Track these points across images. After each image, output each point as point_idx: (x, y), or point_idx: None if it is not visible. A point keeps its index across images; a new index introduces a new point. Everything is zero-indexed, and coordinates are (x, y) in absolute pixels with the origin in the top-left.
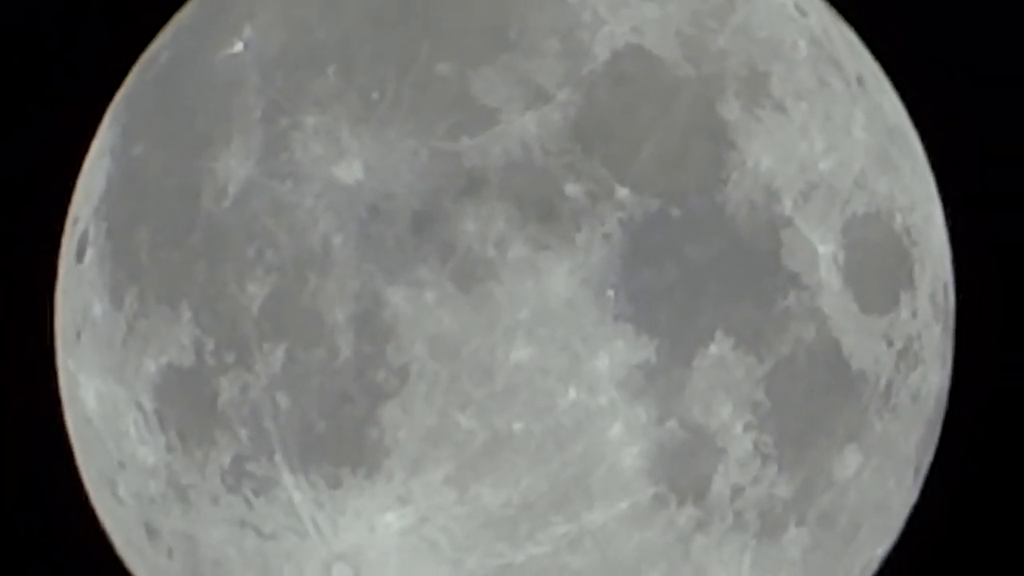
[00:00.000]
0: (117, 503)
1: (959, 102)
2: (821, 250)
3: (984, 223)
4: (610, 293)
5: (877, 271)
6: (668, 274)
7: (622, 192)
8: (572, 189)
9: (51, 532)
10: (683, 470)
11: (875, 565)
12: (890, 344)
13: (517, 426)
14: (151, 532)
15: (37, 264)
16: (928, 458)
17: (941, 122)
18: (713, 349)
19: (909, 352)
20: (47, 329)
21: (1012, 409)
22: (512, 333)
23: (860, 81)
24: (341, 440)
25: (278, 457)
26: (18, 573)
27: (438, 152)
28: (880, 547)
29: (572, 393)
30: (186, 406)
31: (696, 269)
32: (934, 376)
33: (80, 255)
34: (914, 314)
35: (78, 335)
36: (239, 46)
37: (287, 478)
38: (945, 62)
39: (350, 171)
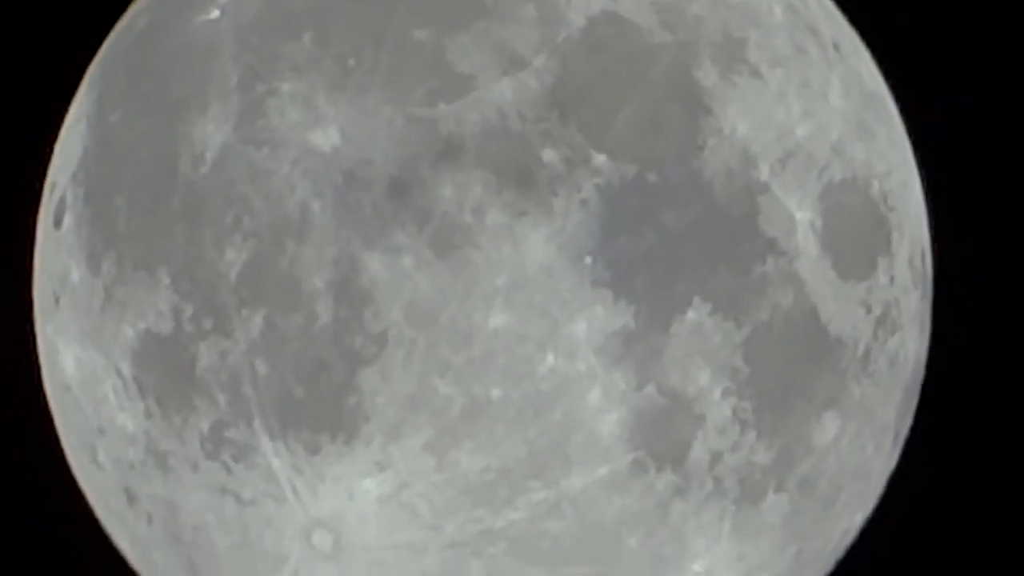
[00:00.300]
0: (96, 469)
1: (935, 68)
2: (798, 216)
3: (961, 189)
4: (588, 259)
5: (854, 237)
6: (645, 240)
7: (599, 158)
8: (549, 155)
9: (31, 499)
10: (661, 436)
11: (855, 531)
12: (868, 310)
13: (495, 392)
14: (131, 498)
15: (14, 230)
16: (907, 424)
17: (917, 88)
18: (691, 315)
19: (887, 318)
20: (25, 295)
21: (990, 375)
22: (490, 299)
23: (836, 47)
24: (320, 406)
25: (257, 423)
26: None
27: (415, 118)
28: (860, 513)
29: (550, 359)
30: (165, 372)
31: (673, 235)
32: (912, 342)
33: (58, 221)
34: (892, 280)
35: (56, 301)
36: (215, 12)
37: (266, 444)
38: (922, 28)
39: (327, 137)
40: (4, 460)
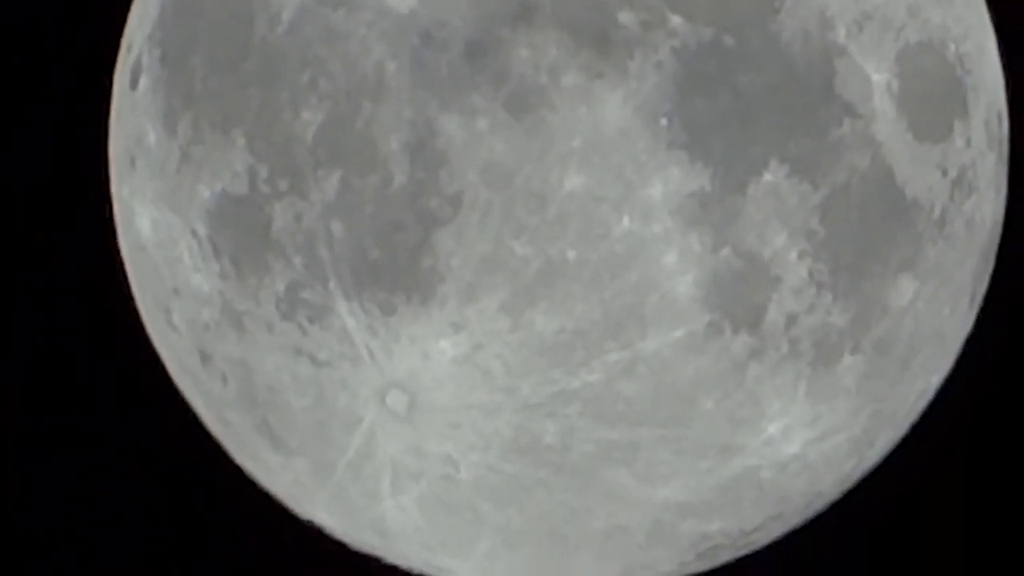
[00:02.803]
0: (171, 330)
1: None
2: (875, 79)
3: None
4: (663, 121)
5: (931, 100)
6: (722, 102)
7: (675, 20)
8: (626, 17)
9: (107, 360)
10: (737, 298)
11: (931, 393)
12: (944, 172)
13: (571, 254)
14: (205, 359)
15: (91, 92)
16: (983, 286)
17: None
18: (767, 177)
19: (963, 180)
20: (102, 157)
21: None
22: (565, 161)
23: None
24: (395, 267)
25: (332, 284)
26: (75, 400)
27: None
28: (936, 375)
29: (626, 221)
30: (240, 233)
31: (750, 98)
32: (988, 204)
33: (134, 82)
34: (968, 142)
35: (132, 163)
36: None
37: (341, 305)
38: None
39: None
40: (80, 322)
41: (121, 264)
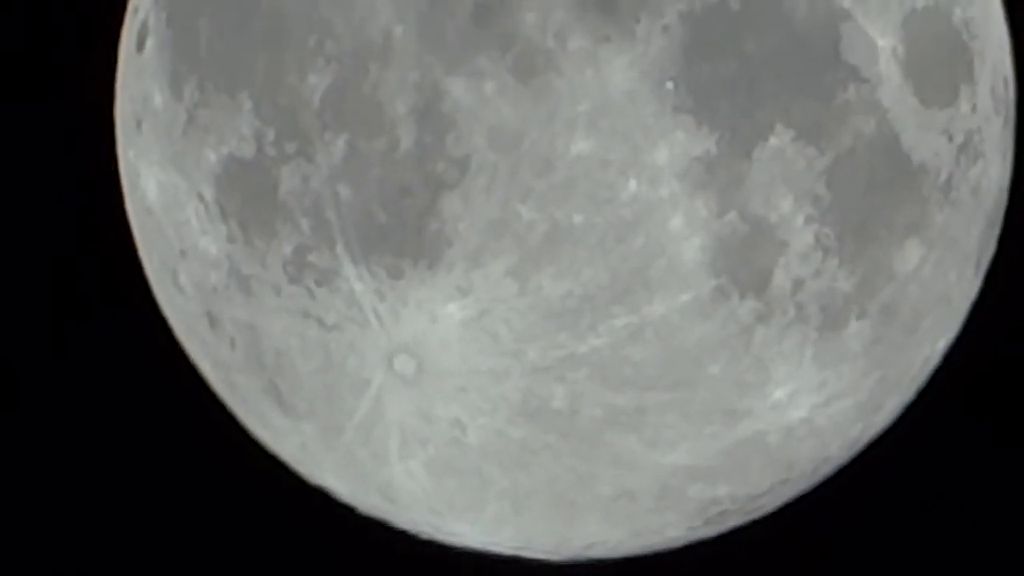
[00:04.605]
0: (178, 292)
1: None
2: (880, 43)
3: None
4: (669, 85)
5: (936, 65)
6: (728, 67)
7: None
8: None
9: (114, 322)
10: (744, 262)
11: (937, 358)
12: (950, 138)
13: (578, 218)
14: (213, 321)
15: (97, 54)
16: (989, 251)
17: None
18: (773, 142)
19: (969, 146)
20: (108, 119)
21: None
22: (572, 124)
23: None
24: (402, 231)
25: (339, 248)
26: (82, 362)
27: None
28: (942, 340)
29: (632, 185)
30: (247, 196)
31: (756, 62)
32: (994, 170)
33: (140, 44)
34: (974, 108)
35: (139, 125)
36: None
37: (349, 269)
38: None
39: None
40: (87, 284)
41: (127, 225)
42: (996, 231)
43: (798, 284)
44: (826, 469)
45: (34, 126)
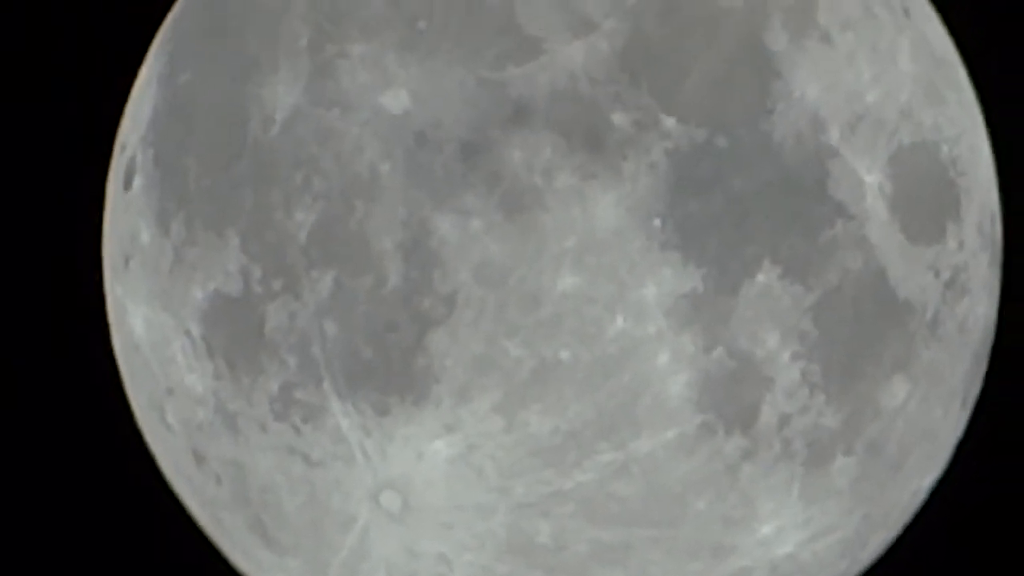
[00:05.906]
0: (165, 429)
1: (1005, 31)
2: (868, 180)
3: None
4: (657, 222)
5: (923, 201)
6: (715, 203)
7: (668, 122)
8: (619, 118)
9: (100, 460)
10: (730, 399)
11: (923, 495)
12: (937, 274)
13: (564, 354)
14: (199, 459)
15: (86, 192)
16: (976, 388)
17: (988, 52)
18: (760, 278)
19: (956, 282)
20: (96, 256)
21: None
22: (559, 261)
23: (906, 11)
24: (389, 367)
25: (326, 384)
26: (68, 497)
27: (485, 81)
28: (928, 477)
29: (619, 321)
30: (234, 333)
31: (743, 198)
32: (981, 307)
33: (128, 182)
34: (961, 244)
35: (126, 262)
36: None
37: (335, 405)
38: None
39: (397, 99)
40: (74, 421)
41: (115, 362)
42: (983, 367)
43: (784, 420)
44: None
45: (25, 262)
